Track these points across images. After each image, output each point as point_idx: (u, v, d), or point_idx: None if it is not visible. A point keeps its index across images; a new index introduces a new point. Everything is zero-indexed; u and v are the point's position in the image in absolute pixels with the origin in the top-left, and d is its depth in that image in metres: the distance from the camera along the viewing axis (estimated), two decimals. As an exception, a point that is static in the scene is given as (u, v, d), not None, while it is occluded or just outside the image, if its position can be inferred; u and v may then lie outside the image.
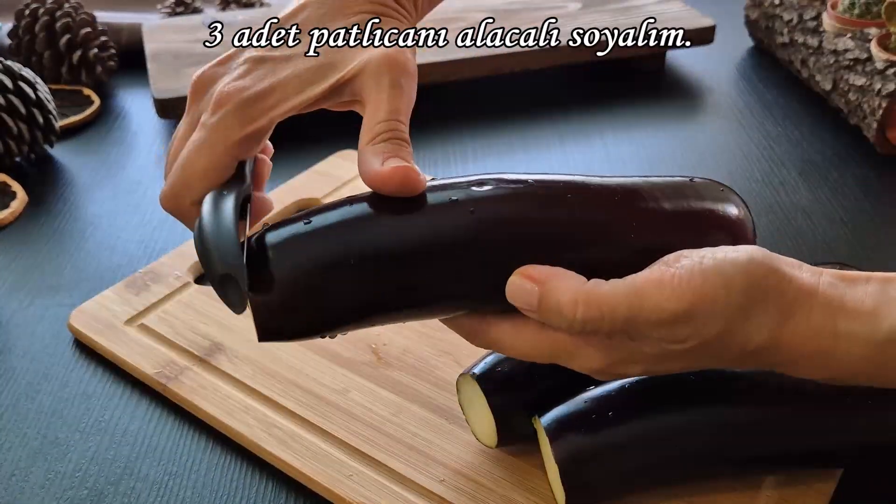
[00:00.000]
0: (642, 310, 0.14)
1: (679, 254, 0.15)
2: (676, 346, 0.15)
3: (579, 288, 0.15)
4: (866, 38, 0.33)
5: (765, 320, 0.14)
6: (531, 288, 0.15)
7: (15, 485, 0.20)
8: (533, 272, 0.15)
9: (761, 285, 0.14)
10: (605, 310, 0.14)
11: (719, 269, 0.14)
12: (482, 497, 0.18)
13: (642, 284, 0.14)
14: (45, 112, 0.31)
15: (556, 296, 0.14)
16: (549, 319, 0.15)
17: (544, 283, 0.15)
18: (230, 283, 0.14)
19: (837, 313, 0.14)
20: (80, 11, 0.37)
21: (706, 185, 0.17)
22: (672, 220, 0.16)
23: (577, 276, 0.15)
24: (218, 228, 0.14)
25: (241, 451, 0.20)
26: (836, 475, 0.19)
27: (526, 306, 0.15)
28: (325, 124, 0.36)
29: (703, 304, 0.14)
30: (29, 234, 0.29)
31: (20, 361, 0.23)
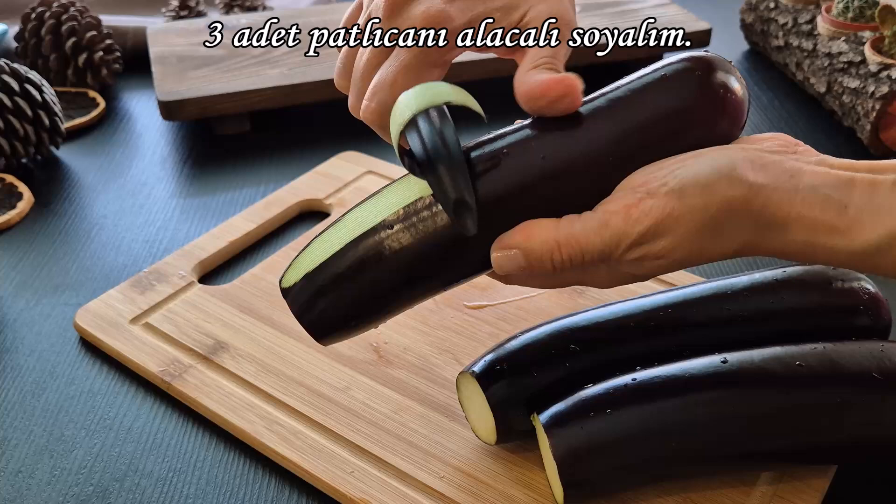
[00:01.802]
0: (613, 239, 0.15)
1: (646, 173, 0.15)
2: (657, 261, 0.15)
3: (555, 235, 0.15)
4: (860, 41, 0.33)
5: (734, 235, 0.15)
6: (514, 254, 0.15)
7: (21, 481, 0.20)
8: (508, 240, 0.16)
9: (723, 203, 0.15)
10: (583, 246, 0.15)
11: (681, 189, 0.15)
12: (481, 493, 0.19)
13: (608, 217, 0.15)
14: (51, 114, 0.32)
15: (536, 248, 0.15)
16: (541, 269, 0.16)
17: (523, 244, 0.15)
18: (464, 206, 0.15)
19: (816, 229, 0.15)
20: (86, 15, 0.37)
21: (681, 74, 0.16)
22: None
23: (548, 222, 0.15)
24: (451, 154, 0.15)
25: (243, 447, 0.21)
26: (831, 471, 0.19)
27: (517, 270, 0.16)
28: (328, 126, 0.36)
29: (667, 224, 0.15)
30: (35, 234, 0.29)
31: (27, 359, 0.24)
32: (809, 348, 0.18)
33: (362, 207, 0.16)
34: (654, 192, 0.15)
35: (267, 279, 0.26)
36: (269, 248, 0.28)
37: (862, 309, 0.20)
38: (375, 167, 0.31)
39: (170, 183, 0.32)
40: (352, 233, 0.16)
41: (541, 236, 0.15)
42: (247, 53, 0.36)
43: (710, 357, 0.18)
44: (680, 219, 0.15)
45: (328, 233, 0.16)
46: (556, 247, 0.15)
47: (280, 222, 0.29)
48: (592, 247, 0.15)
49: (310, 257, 0.16)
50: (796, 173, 0.15)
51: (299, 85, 0.34)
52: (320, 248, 0.16)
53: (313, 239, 0.17)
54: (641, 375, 0.18)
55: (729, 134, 0.16)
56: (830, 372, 0.18)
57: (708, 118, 0.16)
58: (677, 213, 0.15)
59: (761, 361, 0.18)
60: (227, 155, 0.34)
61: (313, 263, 0.16)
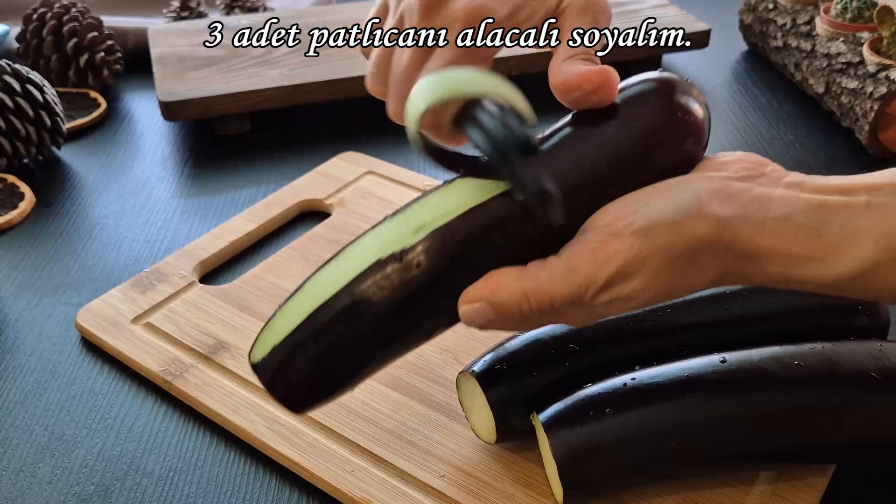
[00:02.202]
0: (582, 284, 0.15)
1: (610, 215, 0.15)
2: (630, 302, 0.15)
3: (521, 285, 0.15)
4: (858, 42, 0.33)
5: (710, 268, 0.15)
6: (480, 306, 0.15)
7: (23, 480, 0.20)
8: (474, 293, 0.15)
9: (690, 241, 0.14)
10: (551, 294, 0.15)
11: (647, 230, 0.14)
12: (481, 492, 0.19)
13: (575, 262, 0.15)
14: (53, 114, 0.32)
15: (504, 301, 0.15)
16: (510, 318, 0.15)
17: (489, 296, 0.15)
18: (546, 196, 0.14)
19: (788, 261, 0.14)
20: (87, 16, 0.37)
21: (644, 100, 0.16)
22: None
23: (513, 271, 0.15)
24: (524, 147, 0.14)
25: (244, 447, 0.21)
26: (830, 471, 0.19)
27: (487, 323, 0.15)
28: (328, 126, 0.36)
29: (635, 265, 0.14)
30: (37, 234, 0.29)
31: (28, 359, 0.24)
32: (808, 348, 0.18)
33: (319, 276, 0.16)
34: (619, 233, 0.15)
35: (267, 279, 0.26)
36: (270, 248, 0.28)
37: (860, 309, 0.20)
38: (376, 167, 0.31)
39: (171, 183, 0.32)
40: (314, 300, 0.15)
41: (508, 288, 0.15)
42: (247, 54, 0.36)
43: (710, 357, 0.18)
44: (647, 259, 0.14)
45: (290, 302, 0.16)
46: (524, 297, 0.15)
47: (280, 222, 0.29)
48: (561, 294, 0.15)
49: (274, 329, 0.16)
50: (765, 202, 0.15)
51: (300, 85, 0.34)
52: (284, 319, 0.16)
53: (277, 309, 0.16)
54: (641, 375, 0.18)
55: (693, 154, 0.16)
56: (829, 372, 0.18)
57: (670, 141, 0.15)
58: (644, 254, 0.14)
59: (760, 361, 0.18)
60: (228, 155, 0.34)
61: (278, 336, 0.16)
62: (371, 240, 0.16)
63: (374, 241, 0.16)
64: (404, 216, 0.16)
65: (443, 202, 0.16)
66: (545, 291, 0.15)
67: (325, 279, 0.16)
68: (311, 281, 0.16)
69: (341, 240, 0.27)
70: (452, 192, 0.16)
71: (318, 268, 0.16)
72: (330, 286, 0.15)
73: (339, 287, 0.15)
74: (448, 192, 0.16)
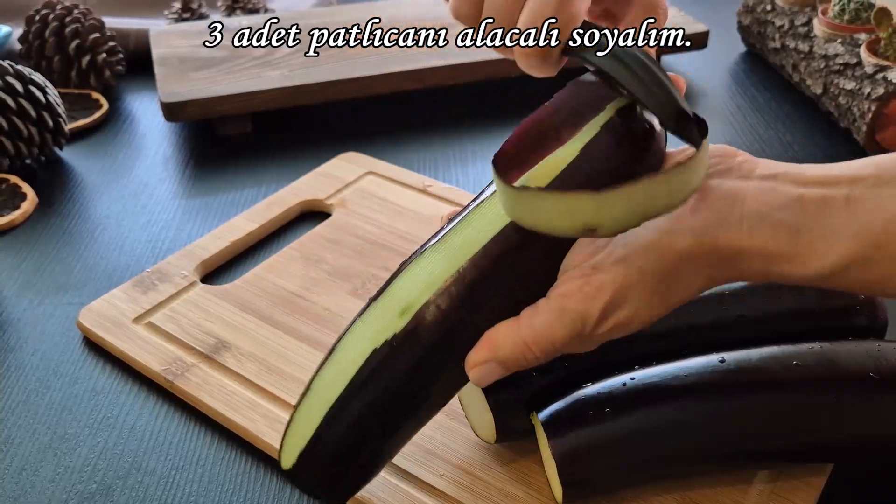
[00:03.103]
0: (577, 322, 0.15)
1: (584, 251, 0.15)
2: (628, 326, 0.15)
3: (519, 336, 0.15)
4: (856, 43, 0.33)
5: (696, 279, 0.15)
6: (488, 367, 0.15)
7: (25, 479, 0.20)
8: (476, 357, 0.16)
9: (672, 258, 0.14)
10: (550, 338, 0.15)
11: (629, 258, 0.14)
12: (481, 491, 0.19)
13: (564, 302, 0.15)
14: (55, 115, 0.32)
15: (507, 355, 0.15)
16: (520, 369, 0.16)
17: (492, 356, 0.15)
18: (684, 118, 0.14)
19: (771, 259, 0.14)
20: (89, 17, 0.37)
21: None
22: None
23: (508, 324, 0.15)
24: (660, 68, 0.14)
25: (245, 445, 0.21)
26: (828, 469, 0.19)
27: (499, 377, 0.16)
28: (329, 127, 0.36)
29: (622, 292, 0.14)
30: (39, 234, 0.29)
31: (30, 358, 0.24)
32: (807, 348, 0.19)
33: (324, 375, 0.16)
34: (600, 266, 0.15)
35: (268, 279, 0.26)
36: (271, 248, 0.28)
37: (858, 309, 0.20)
38: (376, 168, 0.31)
39: (172, 183, 0.32)
40: (325, 401, 0.16)
41: (507, 343, 0.15)
42: (248, 55, 0.36)
43: (709, 357, 0.19)
44: (634, 286, 0.14)
45: (303, 406, 0.16)
46: (527, 348, 0.15)
47: (281, 222, 0.29)
48: (560, 336, 0.15)
49: (296, 435, 0.16)
50: (738, 198, 0.14)
51: (301, 86, 0.34)
52: (302, 423, 0.16)
53: (293, 413, 0.17)
54: (640, 375, 0.18)
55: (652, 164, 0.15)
56: (828, 372, 0.18)
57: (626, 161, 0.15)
58: (630, 281, 0.14)
59: (759, 361, 0.18)
60: (229, 156, 0.34)
61: (303, 439, 0.16)
62: (362, 328, 0.16)
63: (366, 330, 0.16)
64: (387, 299, 0.16)
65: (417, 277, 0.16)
66: (544, 337, 0.15)
67: (330, 378, 0.16)
68: (317, 381, 0.16)
69: (342, 240, 0.27)
70: (425, 263, 0.16)
71: (320, 364, 0.17)
72: (335, 385, 0.16)
73: (342, 386, 0.16)
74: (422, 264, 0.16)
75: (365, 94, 0.36)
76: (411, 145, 0.35)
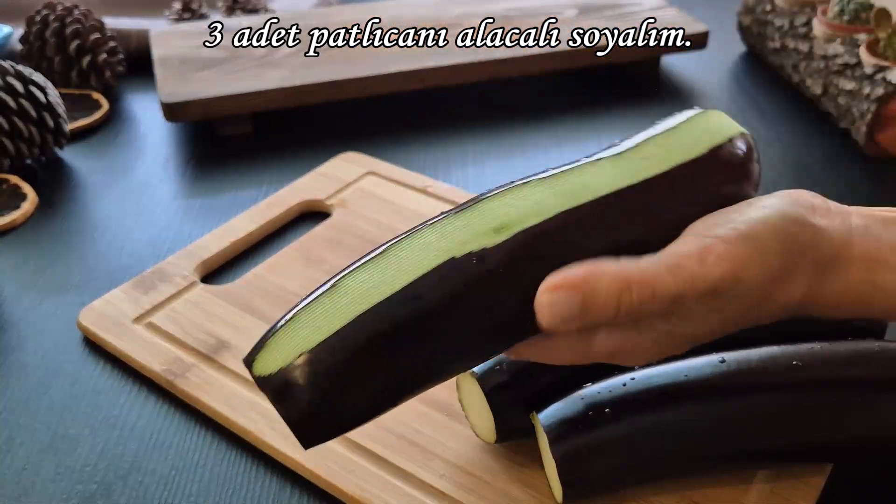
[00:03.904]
0: (688, 283, 0.13)
1: (710, 222, 0.14)
2: (720, 315, 0.14)
3: (626, 271, 0.13)
4: (855, 44, 0.33)
5: (802, 279, 0.14)
6: (569, 296, 0.13)
7: (26, 479, 0.20)
8: (562, 279, 0.13)
9: (796, 244, 0.14)
10: (656, 288, 0.13)
11: (754, 234, 0.14)
12: (481, 491, 0.19)
13: (681, 260, 0.14)
14: (55, 116, 0.32)
15: (602, 288, 0.13)
16: (601, 316, 0.13)
17: (584, 282, 0.13)
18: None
19: (875, 267, 0.14)
20: (90, 18, 0.37)
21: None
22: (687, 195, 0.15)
23: (609, 261, 0.14)
24: None
25: (246, 446, 0.21)
26: (827, 469, 0.19)
27: (569, 318, 0.13)
28: (329, 127, 0.37)
29: (743, 271, 0.14)
30: (39, 234, 0.29)
31: (31, 358, 0.24)
32: (807, 348, 0.19)
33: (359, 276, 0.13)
34: (726, 238, 0.14)
35: (269, 279, 0.26)
36: (271, 248, 0.28)
37: (857, 309, 0.21)
38: (376, 168, 0.31)
39: (172, 184, 0.32)
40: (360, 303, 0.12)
41: (608, 274, 0.13)
42: (249, 55, 0.36)
43: (709, 356, 0.19)
44: (754, 263, 0.14)
45: (316, 307, 0.12)
46: (626, 287, 0.13)
47: (282, 223, 0.29)
48: (666, 289, 0.13)
49: (295, 337, 0.12)
50: (845, 215, 0.15)
51: (301, 86, 0.34)
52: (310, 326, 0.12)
53: (291, 315, 0.13)
54: (640, 375, 0.18)
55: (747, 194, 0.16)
56: (827, 372, 0.18)
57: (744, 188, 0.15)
58: (753, 259, 0.14)
59: (759, 361, 0.18)
60: (229, 156, 0.34)
61: (301, 346, 0.12)
62: (434, 237, 0.13)
63: (442, 240, 0.13)
64: (475, 214, 0.13)
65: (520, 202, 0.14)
66: (649, 281, 0.13)
67: (376, 279, 0.13)
68: (349, 280, 0.13)
69: (342, 240, 0.27)
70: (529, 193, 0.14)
71: (348, 268, 0.13)
72: (383, 286, 0.12)
73: (397, 287, 0.12)
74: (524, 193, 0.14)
75: (365, 94, 0.36)
76: (411, 145, 0.35)
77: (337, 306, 0.13)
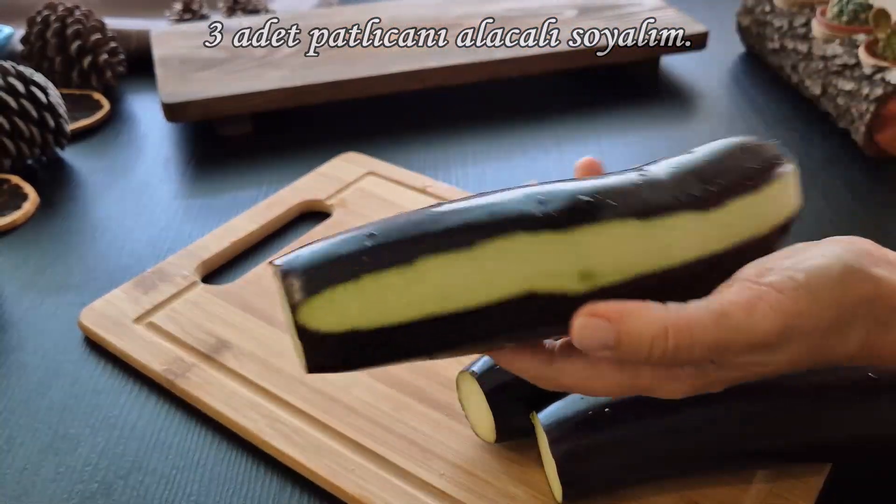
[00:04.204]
0: (732, 334, 0.13)
1: (761, 267, 0.13)
2: (766, 368, 0.13)
3: (665, 316, 0.13)
4: (854, 44, 0.33)
5: (857, 333, 0.13)
6: (603, 326, 0.13)
7: (27, 478, 0.20)
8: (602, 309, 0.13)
9: (856, 298, 0.13)
10: (696, 336, 0.13)
11: (811, 286, 0.13)
12: (481, 490, 0.19)
13: (729, 308, 0.13)
14: (56, 116, 0.32)
15: (638, 329, 0.13)
16: (632, 354, 0.13)
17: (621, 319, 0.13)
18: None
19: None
20: (91, 18, 0.37)
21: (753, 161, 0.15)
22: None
23: (654, 304, 0.13)
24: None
25: (246, 445, 0.21)
26: (826, 468, 0.19)
27: (600, 347, 0.13)
28: (329, 127, 0.37)
29: (795, 324, 0.13)
30: (40, 234, 0.29)
31: (31, 358, 0.24)
32: (805, 347, 0.19)
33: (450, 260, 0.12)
34: (779, 286, 0.13)
35: (269, 279, 0.26)
36: (272, 248, 0.28)
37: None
38: (376, 168, 0.31)
39: (173, 184, 0.32)
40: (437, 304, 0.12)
41: (648, 315, 0.13)
42: (249, 55, 0.36)
43: (707, 356, 0.19)
44: (809, 316, 0.13)
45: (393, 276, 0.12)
46: (663, 331, 0.13)
47: (282, 223, 0.29)
48: (706, 339, 0.13)
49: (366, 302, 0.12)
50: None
51: (302, 87, 0.34)
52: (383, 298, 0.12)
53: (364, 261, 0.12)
54: (639, 374, 0.19)
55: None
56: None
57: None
58: (808, 311, 0.13)
59: (757, 360, 0.18)
60: (230, 156, 0.34)
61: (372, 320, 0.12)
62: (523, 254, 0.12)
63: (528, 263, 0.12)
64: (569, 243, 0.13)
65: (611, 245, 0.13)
66: (689, 330, 0.13)
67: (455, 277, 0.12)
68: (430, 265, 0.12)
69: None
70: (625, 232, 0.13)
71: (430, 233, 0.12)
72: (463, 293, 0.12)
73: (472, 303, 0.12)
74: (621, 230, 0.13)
75: (365, 94, 0.36)
76: (411, 145, 0.35)
77: (411, 293, 0.12)
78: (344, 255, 0.12)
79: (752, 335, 0.13)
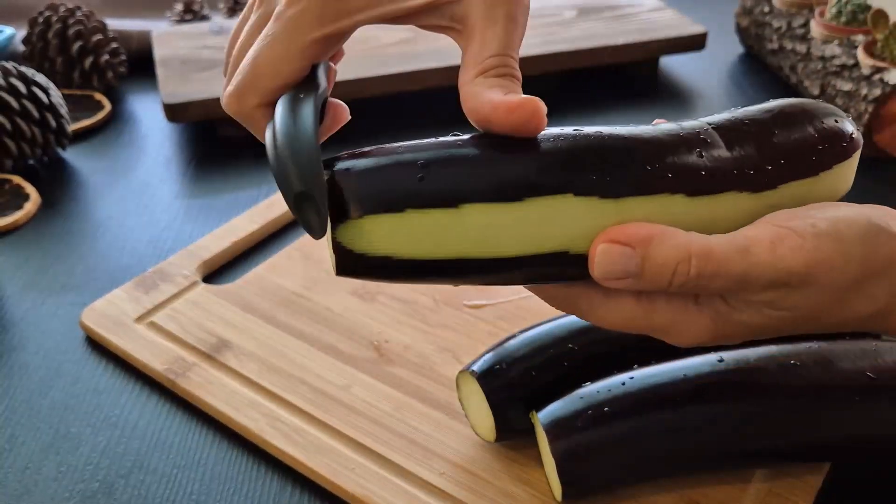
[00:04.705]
0: (754, 268, 0.12)
1: (788, 213, 0.13)
2: (783, 312, 0.13)
3: (690, 242, 0.12)
4: (853, 45, 0.33)
5: (880, 291, 0.13)
6: (627, 252, 0.12)
7: (28, 477, 0.20)
8: (626, 232, 0.12)
9: (880, 254, 0.13)
10: (719, 265, 0.12)
11: (837, 235, 0.13)
12: (481, 489, 0.19)
13: (752, 243, 0.12)
14: (58, 116, 0.32)
15: (662, 253, 0.12)
16: (655, 282, 0.12)
17: (647, 242, 0.12)
18: (308, 202, 0.11)
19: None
20: (92, 19, 0.38)
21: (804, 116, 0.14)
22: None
23: (678, 230, 0.12)
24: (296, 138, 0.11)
25: (247, 444, 0.21)
26: (825, 468, 0.19)
27: (622, 275, 0.12)
28: (329, 129, 0.37)
29: (818, 271, 0.12)
30: (42, 234, 0.29)
31: (33, 358, 0.24)
32: (804, 347, 0.19)
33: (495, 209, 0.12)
34: (801, 232, 0.12)
35: (269, 279, 0.26)
36: (272, 248, 0.28)
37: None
38: (377, 169, 0.32)
39: (174, 184, 0.32)
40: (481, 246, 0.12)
41: (673, 240, 0.12)
42: (250, 57, 0.37)
43: (707, 356, 0.19)
44: (832, 265, 0.12)
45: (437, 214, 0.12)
46: (687, 257, 0.12)
47: (282, 223, 0.29)
48: (730, 269, 0.12)
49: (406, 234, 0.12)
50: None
51: (302, 88, 0.35)
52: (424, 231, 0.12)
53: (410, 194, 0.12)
54: (639, 374, 0.18)
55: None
56: (825, 371, 0.18)
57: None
58: (831, 260, 0.12)
59: (757, 360, 0.18)
60: (231, 156, 0.34)
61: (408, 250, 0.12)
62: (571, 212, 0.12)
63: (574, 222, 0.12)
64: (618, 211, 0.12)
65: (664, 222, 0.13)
66: (715, 258, 0.12)
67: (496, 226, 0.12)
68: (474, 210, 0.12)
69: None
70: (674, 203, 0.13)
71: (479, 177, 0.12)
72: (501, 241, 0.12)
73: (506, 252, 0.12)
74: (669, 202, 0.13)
75: (364, 95, 0.36)
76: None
77: (450, 233, 0.12)
78: (395, 183, 0.12)
79: (774, 271, 0.12)
